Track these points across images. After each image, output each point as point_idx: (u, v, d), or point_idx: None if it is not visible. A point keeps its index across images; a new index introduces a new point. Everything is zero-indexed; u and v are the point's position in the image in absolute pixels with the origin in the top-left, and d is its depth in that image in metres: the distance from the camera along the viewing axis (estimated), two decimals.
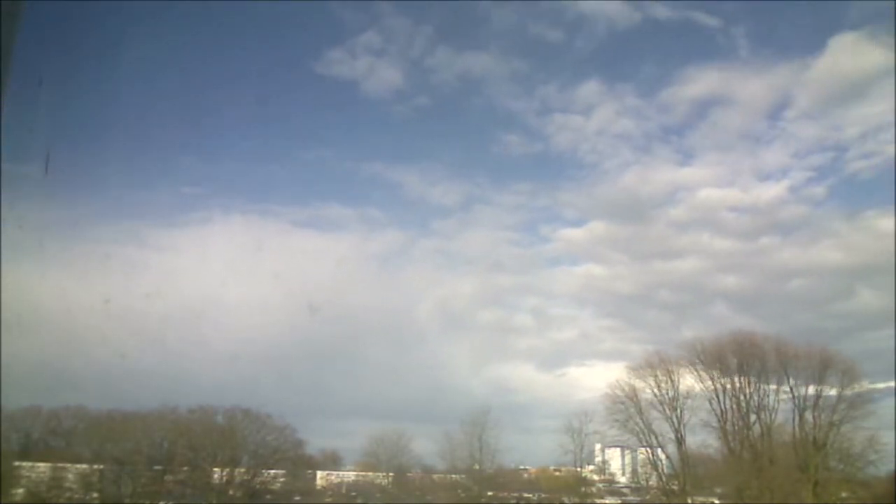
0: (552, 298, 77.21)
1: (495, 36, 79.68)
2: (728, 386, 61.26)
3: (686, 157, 71.85)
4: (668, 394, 62.03)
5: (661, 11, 75.38)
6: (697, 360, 62.19)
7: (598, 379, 71.76)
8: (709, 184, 70.50)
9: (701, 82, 71.27)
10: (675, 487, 63.30)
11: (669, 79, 74.91)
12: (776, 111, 73.32)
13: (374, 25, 76.43)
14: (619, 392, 62.96)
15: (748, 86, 69.45)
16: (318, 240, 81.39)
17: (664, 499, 65.68)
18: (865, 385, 57.47)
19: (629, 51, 78.15)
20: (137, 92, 72.86)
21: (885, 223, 61.72)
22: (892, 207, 62.71)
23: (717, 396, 61.44)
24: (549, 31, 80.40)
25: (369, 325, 75.02)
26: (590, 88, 75.44)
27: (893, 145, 63.94)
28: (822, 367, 58.32)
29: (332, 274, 78.18)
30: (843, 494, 58.83)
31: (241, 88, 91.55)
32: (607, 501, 75.45)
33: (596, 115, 73.72)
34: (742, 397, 60.83)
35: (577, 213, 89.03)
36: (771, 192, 67.80)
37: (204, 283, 65.81)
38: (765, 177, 74.18)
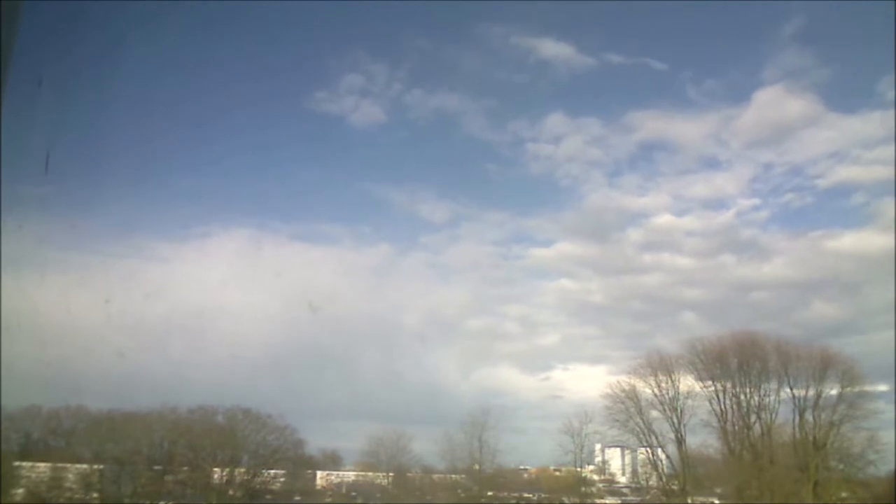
0: (535, 308, 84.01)
1: (464, 78, 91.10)
2: (728, 386, 61.32)
3: (643, 188, 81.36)
4: (668, 394, 62.11)
5: (615, 58, 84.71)
6: (697, 360, 62.29)
7: (580, 381, 77.26)
8: (665, 211, 78.75)
9: (649, 123, 79.13)
10: (675, 487, 63.30)
11: (624, 115, 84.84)
12: (717, 149, 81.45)
13: (355, 70, 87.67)
14: (619, 392, 63.09)
15: (690, 127, 78.45)
16: (313, 252, 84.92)
17: (664, 499, 65.69)
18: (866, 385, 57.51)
19: (588, 90, 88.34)
20: (138, 93, 73.48)
21: (832, 243, 74.13)
22: (837, 230, 74.91)
23: (717, 396, 61.55)
24: (515, 74, 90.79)
25: (363, 332, 78.97)
26: (556, 120, 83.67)
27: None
28: (823, 367, 58.37)
29: (326, 284, 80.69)
30: (843, 494, 58.84)
31: (240, 111, 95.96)
32: (607, 501, 75.44)
33: (564, 144, 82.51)
34: (742, 397, 60.91)
35: (547, 235, 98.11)
36: (720, 218, 78.20)
37: (203, 292, 68.48)
38: (716, 205, 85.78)
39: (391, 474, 72.16)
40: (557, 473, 77.94)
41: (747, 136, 75.60)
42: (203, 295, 69.89)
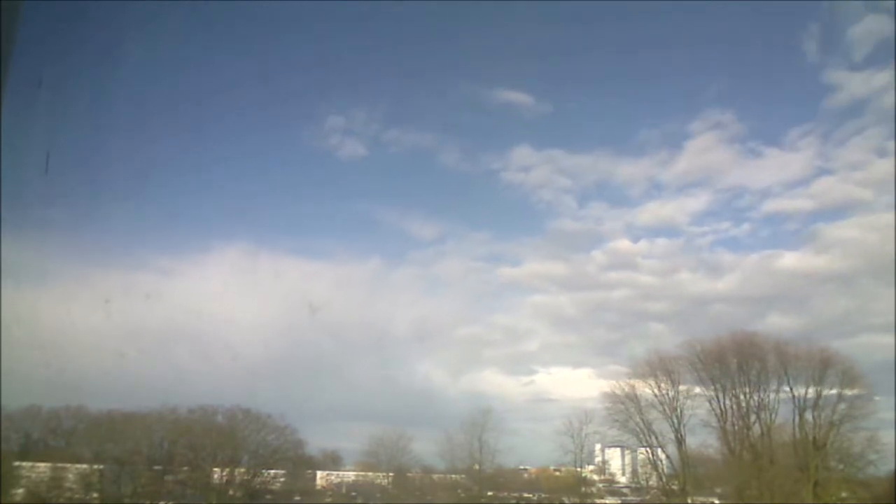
0: (517, 318, 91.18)
1: (435, 119, 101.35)
2: (728, 386, 61.30)
3: (602, 217, 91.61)
4: (668, 394, 62.09)
5: (571, 105, 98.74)
6: (697, 360, 62.25)
7: (563, 385, 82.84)
8: (622, 236, 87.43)
9: (602, 162, 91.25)
10: (675, 487, 63.28)
11: (581, 153, 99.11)
12: (660, 185, 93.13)
13: (337, 112, 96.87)
14: (618, 392, 63.08)
15: (636, 167, 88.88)
16: (309, 265, 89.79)
17: (664, 499, 65.68)
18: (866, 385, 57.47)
19: (548, 130, 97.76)
20: (138, 94, 74.49)
21: (777, 262, 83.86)
22: (779, 251, 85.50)
23: (717, 396, 61.51)
24: (481, 117, 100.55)
25: (358, 339, 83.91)
26: (523, 152, 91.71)
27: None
28: (822, 367, 58.33)
29: (322, 294, 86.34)
30: (843, 494, 58.81)
31: (238, 119, 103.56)
32: (607, 501, 75.46)
33: (533, 172, 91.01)
34: (742, 397, 60.86)
35: (518, 255, 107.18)
36: (671, 244, 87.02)
37: (204, 301, 70.97)
38: (667, 232, 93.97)
39: (391, 474, 72.18)
40: (557, 473, 77.98)
41: (684, 176, 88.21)
42: (203, 303, 72.01)
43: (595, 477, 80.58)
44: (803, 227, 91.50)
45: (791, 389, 58.99)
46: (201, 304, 70.21)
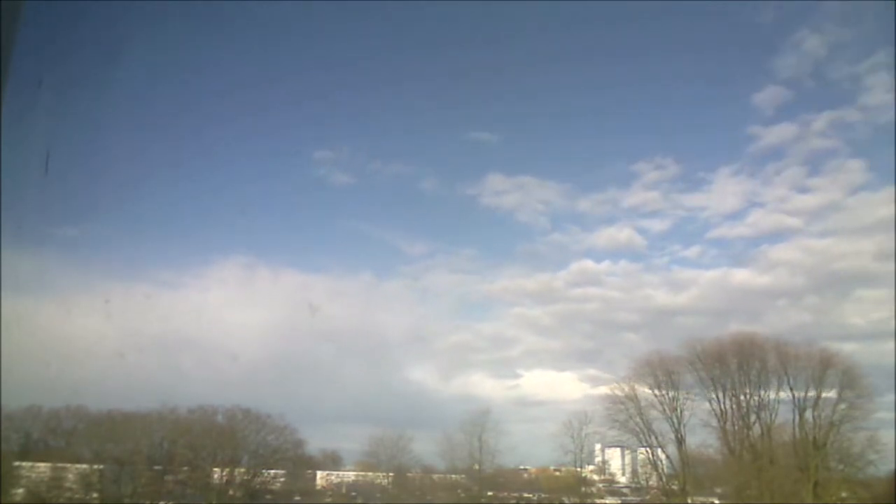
0: (502, 327, 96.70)
1: (412, 153, 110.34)
2: (728, 386, 61.33)
3: (565, 243, 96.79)
4: (668, 394, 62.13)
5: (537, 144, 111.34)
6: (697, 360, 62.27)
7: (546, 387, 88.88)
8: (585, 258, 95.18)
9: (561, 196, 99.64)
10: (675, 487, 63.30)
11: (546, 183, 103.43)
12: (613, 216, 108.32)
13: (324, 147, 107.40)
14: (618, 392, 63.10)
15: (591, 201, 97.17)
16: (304, 277, 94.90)
17: (664, 499, 65.69)
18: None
19: (515, 162, 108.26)
20: (138, 94, 74.84)
21: (728, 280, 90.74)
22: (729, 269, 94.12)
23: (717, 396, 61.56)
24: (453, 155, 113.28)
25: (353, 345, 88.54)
26: (496, 179, 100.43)
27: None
28: (822, 367, 58.36)
29: (317, 303, 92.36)
30: (843, 494, 58.83)
31: (237, 123, 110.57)
32: (607, 501, 75.50)
33: (506, 197, 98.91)
34: (742, 397, 60.90)
35: (494, 272, 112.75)
36: (631, 264, 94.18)
37: (204, 312, 76.20)
38: (625, 255, 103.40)
39: (391, 474, 72.19)
40: (557, 473, 78.01)
41: (634, 210, 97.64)
42: (205, 313, 77.17)
43: (595, 477, 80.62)
44: (745, 250, 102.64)
45: (791, 389, 59.14)
46: (203, 314, 74.26)
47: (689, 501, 61.86)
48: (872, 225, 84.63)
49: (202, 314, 77.94)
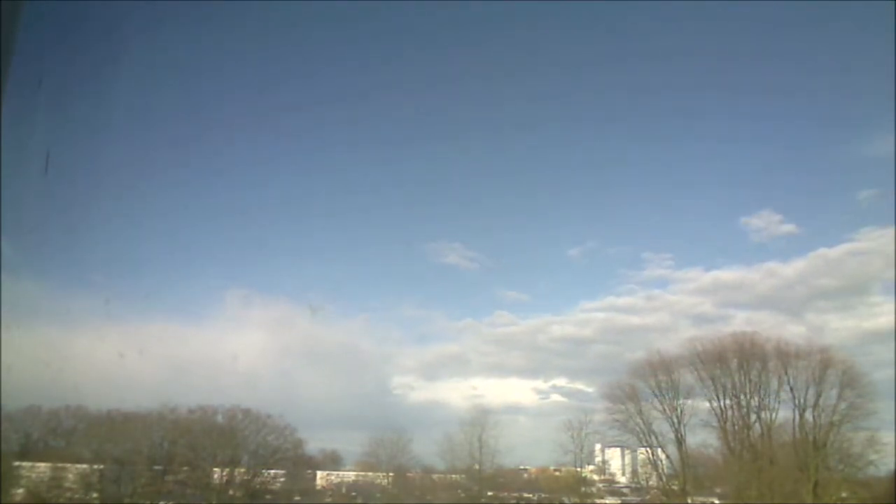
0: (464, 348, 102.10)
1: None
2: (728, 386, 61.33)
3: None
4: (668, 394, 62.13)
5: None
6: (697, 360, 62.27)
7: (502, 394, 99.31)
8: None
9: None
10: (675, 487, 63.29)
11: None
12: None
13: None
14: (618, 392, 63.11)
15: None
16: (290, 305, 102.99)
17: (664, 499, 65.69)
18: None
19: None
20: (138, 94, 74.68)
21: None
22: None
23: (717, 396, 61.55)
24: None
25: (341, 364, 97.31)
26: (454, 246, 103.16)
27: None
28: (823, 367, 58.39)
29: (304, 329, 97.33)
30: (843, 494, 58.80)
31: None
32: (607, 501, 75.54)
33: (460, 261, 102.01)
34: (742, 397, 60.91)
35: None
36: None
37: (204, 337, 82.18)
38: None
39: (391, 474, 72.22)
40: (557, 473, 77.98)
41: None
42: (204, 339, 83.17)
43: (595, 477, 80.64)
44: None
45: (791, 389, 59.13)
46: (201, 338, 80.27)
47: (689, 501, 61.86)
48: None
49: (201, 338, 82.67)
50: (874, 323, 78.01)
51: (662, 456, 64.13)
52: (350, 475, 79.92)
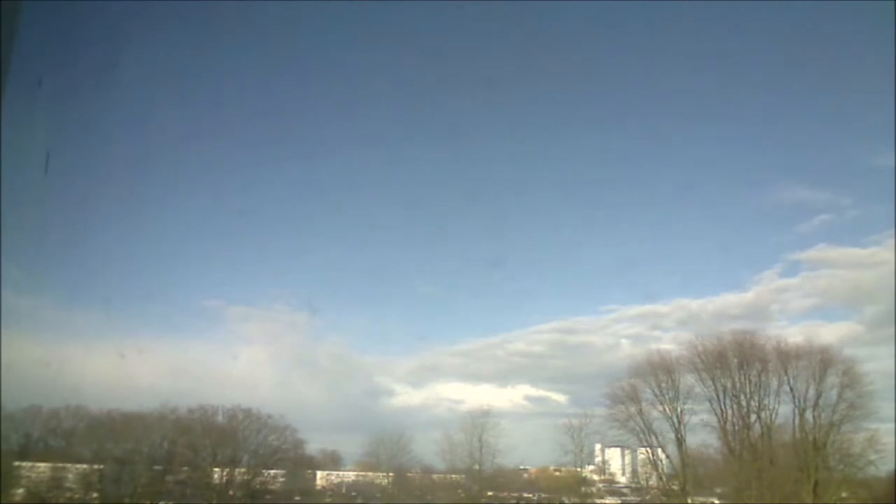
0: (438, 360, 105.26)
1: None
2: (728, 386, 61.28)
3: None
4: (668, 394, 62.09)
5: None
6: (697, 360, 62.21)
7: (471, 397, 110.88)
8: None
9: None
10: (675, 487, 63.23)
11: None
12: None
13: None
14: (619, 392, 63.07)
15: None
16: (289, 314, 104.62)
17: (664, 499, 65.68)
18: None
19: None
20: (138, 94, 74.75)
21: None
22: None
23: (717, 396, 61.47)
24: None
25: (340, 372, 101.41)
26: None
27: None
28: (823, 367, 58.35)
29: (298, 340, 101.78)
30: (843, 494, 58.82)
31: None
32: (607, 501, 75.56)
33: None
34: (742, 397, 60.84)
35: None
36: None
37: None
38: None
39: (391, 474, 72.23)
40: (557, 473, 78.01)
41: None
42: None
43: (595, 477, 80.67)
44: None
45: (791, 389, 59.10)
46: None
47: (689, 501, 61.83)
48: None
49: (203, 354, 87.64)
50: None
51: (662, 456, 64.07)
52: (350, 475, 79.97)
